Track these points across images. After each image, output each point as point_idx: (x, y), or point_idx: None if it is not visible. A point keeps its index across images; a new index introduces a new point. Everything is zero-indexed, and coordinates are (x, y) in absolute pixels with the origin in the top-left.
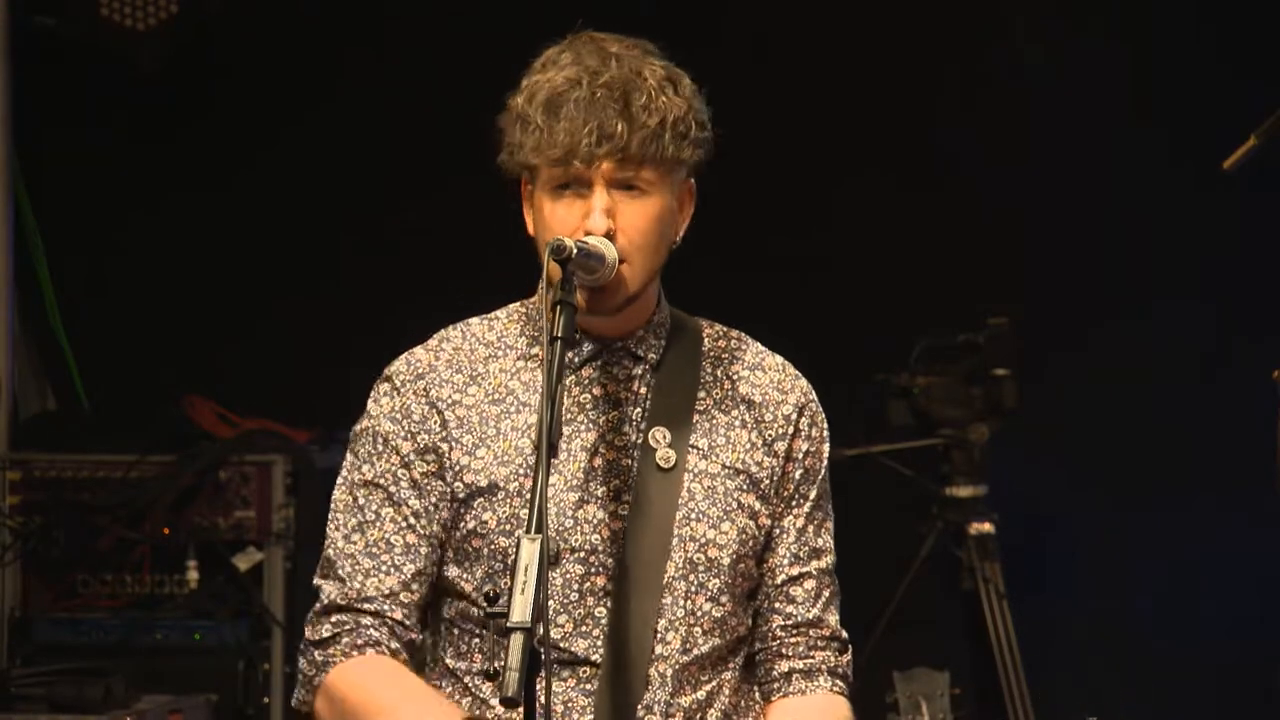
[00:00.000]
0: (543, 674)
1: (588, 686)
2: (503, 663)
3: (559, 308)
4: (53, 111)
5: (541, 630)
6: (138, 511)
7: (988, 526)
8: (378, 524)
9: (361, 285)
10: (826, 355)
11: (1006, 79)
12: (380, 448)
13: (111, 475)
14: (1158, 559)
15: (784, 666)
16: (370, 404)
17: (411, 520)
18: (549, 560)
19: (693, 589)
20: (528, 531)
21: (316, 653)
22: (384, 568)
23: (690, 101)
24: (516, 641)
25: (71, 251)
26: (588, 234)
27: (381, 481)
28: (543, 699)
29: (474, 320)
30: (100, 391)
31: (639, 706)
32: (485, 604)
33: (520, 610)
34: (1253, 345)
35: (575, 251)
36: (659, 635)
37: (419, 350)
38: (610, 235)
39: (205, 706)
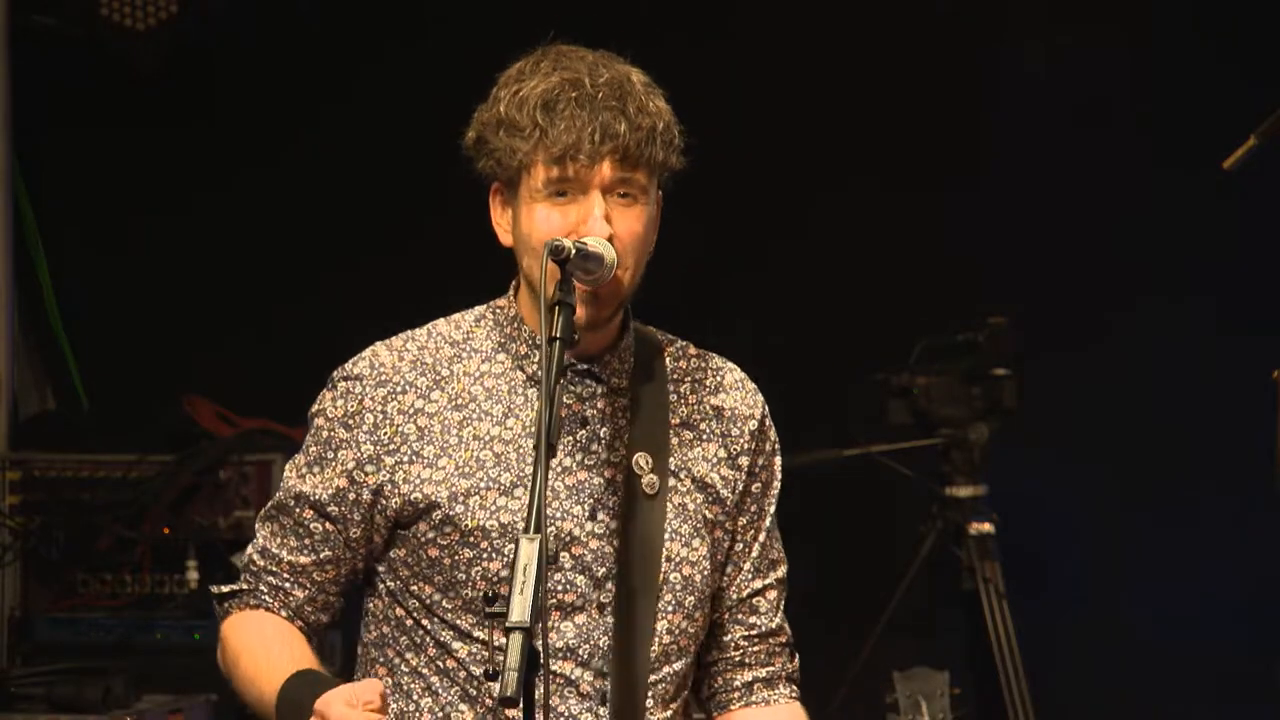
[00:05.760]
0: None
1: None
2: (501, 662)
3: (557, 308)
4: (53, 111)
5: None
6: (138, 511)
7: (988, 526)
8: (307, 534)
9: (361, 284)
10: (826, 355)
11: (1007, 78)
12: (329, 455)
13: (111, 475)
14: (1158, 558)
15: (746, 676)
16: (327, 398)
17: (338, 531)
18: (547, 560)
19: (669, 607)
20: (526, 531)
21: (217, 605)
22: (305, 550)
23: (670, 110)
24: (515, 641)
25: (71, 251)
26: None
27: (319, 496)
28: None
29: (440, 321)
30: (100, 391)
31: None
32: (484, 604)
33: (519, 610)
34: (1252, 345)
35: (574, 252)
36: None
37: (382, 351)
38: (609, 241)
39: (205, 706)
